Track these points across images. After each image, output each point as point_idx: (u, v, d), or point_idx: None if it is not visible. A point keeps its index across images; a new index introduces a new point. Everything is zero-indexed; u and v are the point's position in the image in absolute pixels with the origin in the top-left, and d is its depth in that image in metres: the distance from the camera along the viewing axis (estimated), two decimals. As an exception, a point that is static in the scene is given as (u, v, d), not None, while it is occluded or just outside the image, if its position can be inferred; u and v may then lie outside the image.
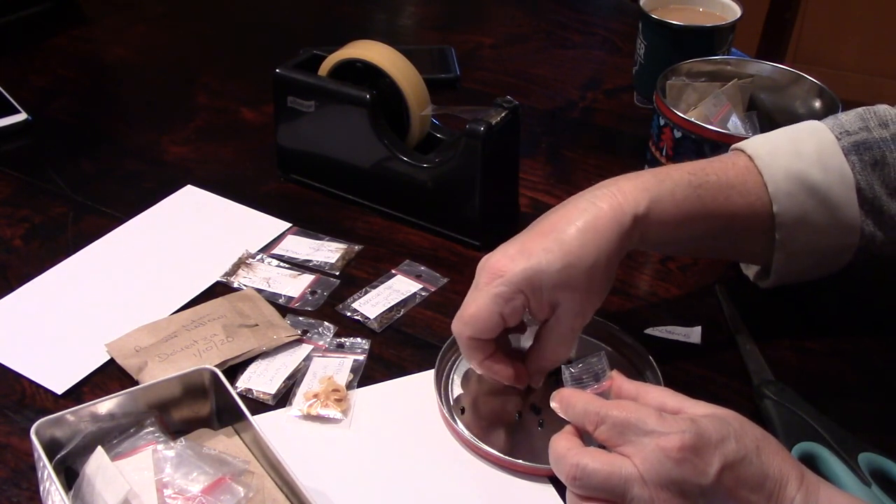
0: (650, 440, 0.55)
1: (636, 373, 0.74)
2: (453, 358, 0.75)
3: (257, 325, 0.77)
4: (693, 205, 0.70)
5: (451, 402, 0.71)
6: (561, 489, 0.64)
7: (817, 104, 0.93)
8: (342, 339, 0.77)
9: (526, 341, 0.72)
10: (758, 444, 0.56)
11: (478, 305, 0.65)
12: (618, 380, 0.63)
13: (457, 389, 0.72)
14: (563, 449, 0.58)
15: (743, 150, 0.75)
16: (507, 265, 0.65)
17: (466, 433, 0.68)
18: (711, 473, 0.54)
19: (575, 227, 0.65)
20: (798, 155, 0.73)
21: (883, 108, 0.76)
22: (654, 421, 0.56)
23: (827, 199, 0.72)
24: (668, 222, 0.69)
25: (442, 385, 0.73)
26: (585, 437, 0.60)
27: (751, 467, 0.55)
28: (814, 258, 0.75)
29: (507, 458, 0.66)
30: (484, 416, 0.70)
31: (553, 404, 0.62)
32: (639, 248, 0.71)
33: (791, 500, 0.55)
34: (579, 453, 0.57)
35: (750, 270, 0.82)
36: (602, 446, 0.58)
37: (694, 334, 0.79)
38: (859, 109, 0.77)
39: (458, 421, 0.70)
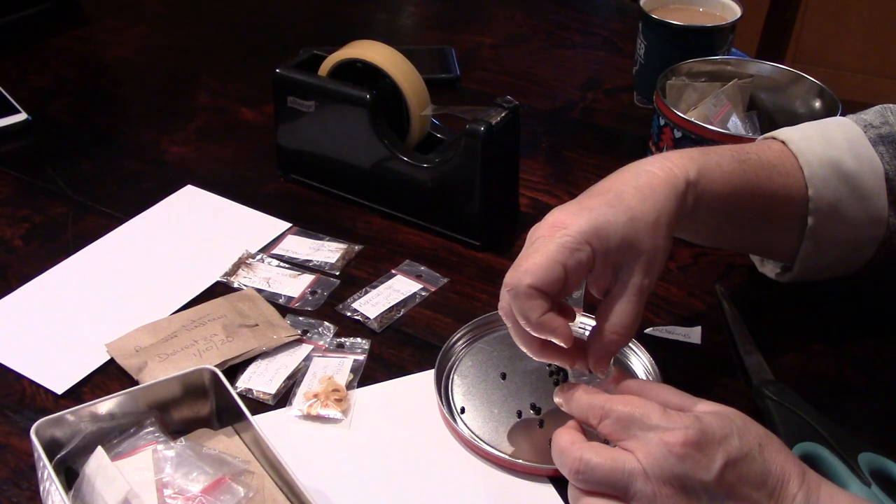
0: (654, 435, 0.55)
1: (636, 373, 0.74)
2: (453, 358, 0.75)
3: (257, 325, 0.77)
4: (739, 178, 0.68)
5: (451, 402, 0.71)
6: (561, 488, 0.64)
7: (817, 104, 0.93)
8: (342, 339, 0.77)
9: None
10: (760, 442, 0.56)
11: (541, 254, 0.59)
12: (621, 377, 0.62)
13: (457, 389, 0.72)
14: (566, 443, 0.58)
15: (774, 138, 0.74)
16: (569, 219, 0.60)
17: (466, 433, 0.68)
18: (714, 469, 0.54)
19: (633, 186, 0.63)
20: (830, 142, 0.73)
21: None
22: (658, 416, 0.56)
23: (859, 188, 0.72)
24: (717, 194, 0.67)
25: (442, 385, 0.72)
26: (588, 433, 0.60)
27: (753, 464, 0.55)
28: (840, 250, 0.75)
29: (507, 458, 0.66)
30: (484, 416, 0.70)
31: (556, 399, 0.62)
32: (686, 228, 0.68)
33: (792, 497, 0.55)
34: (582, 447, 0.57)
35: (767, 268, 0.82)
36: (605, 442, 0.59)
37: (694, 334, 0.79)
38: (877, 107, 0.77)
39: (458, 421, 0.70)
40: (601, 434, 0.59)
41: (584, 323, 0.77)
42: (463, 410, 0.71)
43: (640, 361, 0.75)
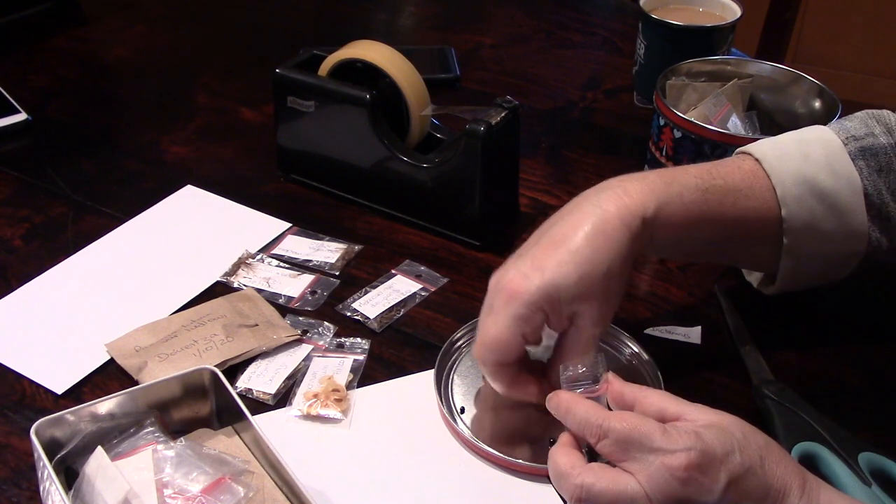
0: (655, 458, 0.54)
1: (636, 373, 0.74)
2: (453, 358, 0.75)
3: (257, 325, 0.77)
4: (701, 208, 0.68)
5: (451, 402, 0.71)
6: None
7: (817, 104, 0.93)
8: (342, 339, 0.77)
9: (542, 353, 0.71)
10: (761, 455, 0.55)
11: (499, 329, 0.63)
12: (615, 383, 0.62)
13: (457, 389, 0.72)
14: (566, 466, 0.57)
15: (749, 154, 0.73)
16: (521, 283, 0.63)
17: (466, 433, 0.68)
18: (717, 491, 0.54)
19: (584, 233, 0.64)
20: (806, 159, 0.72)
21: (886, 114, 0.75)
22: (658, 437, 0.55)
23: (835, 205, 0.71)
24: (677, 226, 0.68)
25: (442, 385, 0.72)
26: (583, 442, 0.59)
27: (755, 479, 0.54)
28: (820, 265, 0.74)
29: (507, 458, 0.66)
30: (484, 416, 0.70)
31: (550, 406, 0.62)
32: (647, 254, 0.70)
33: None
34: (583, 472, 0.56)
35: (753, 277, 0.81)
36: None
37: (694, 334, 0.79)
38: (861, 114, 0.76)
39: (458, 421, 0.70)
40: (600, 454, 0.58)
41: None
42: (463, 410, 0.71)
43: (639, 361, 0.74)
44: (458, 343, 0.76)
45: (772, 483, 0.55)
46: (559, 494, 0.61)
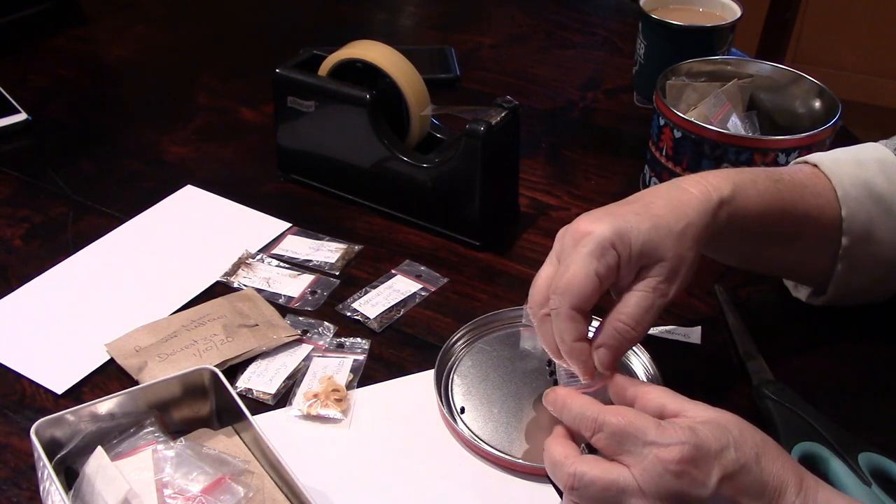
0: (649, 451, 0.55)
1: (636, 373, 0.74)
2: (453, 358, 0.75)
3: (257, 325, 0.77)
4: (773, 197, 0.69)
5: (451, 402, 0.71)
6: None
7: (817, 104, 0.93)
8: (342, 339, 0.77)
9: None
10: (757, 452, 0.55)
11: (573, 269, 0.61)
12: (617, 378, 0.62)
13: (457, 389, 0.72)
14: (560, 455, 0.57)
15: (805, 162, 0.75)
16: (592, 225, 0.62)
17: (466, 433, 0.68)
18: (711, 485, 0.54)
19: (663, 198, 0.65)
20: (860, 164, 0.73)
21: None
22: (653, 431, 0.55)
23: (892, 209, 0.73)
24: (751, 212, 0.68)
25: (442, 385, 0.73)
26: (578, 437, 0.59)
27: (750, 476, 0.55)
28: (874, 272, 0.75)
29: (507, 457, 0.66)
30: (484, 416, 0.70)
31: (546, 403, 0.62)
32: (719, 245, 0.69)
33: None
34: (577, 461, 0.56)
35: (801, 292, 0.82)
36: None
37: (694, 334, 0.79)
38: None
39: (458, 421, 0.70)
40: (595, 447, 0.58)
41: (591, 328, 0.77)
42: (463, 410, 0.71)
43: (640, 361, 0.75)
44: (458, 343, 0.76)
45: (768, 480, 0.55)
46: (553, 484, 0.62)
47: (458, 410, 0.71)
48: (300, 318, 0.79)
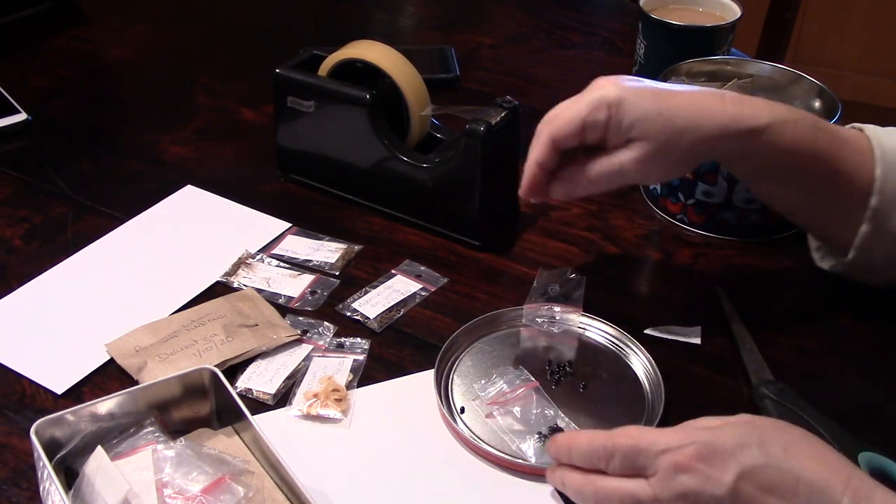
0: (663, 458, 0.55)
1: (636, 373, 0.74)
2: (453, 358, 0.75)
3: (257, 325, 0.77)
4: (808, 140, 0.71)
5: (451, 402, 0.71)
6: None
7: (817, 104, 0.93)
8: (342, 339, 0.77)
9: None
10: (786, 448, 0.55)
11: (566, 107, 0.70)
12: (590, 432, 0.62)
13: (457, 389, 0.72)
14: (581, 481, 0.59)
15: (853, 126, 0.76)
16: (609, 84, 0.69)
17: (466, 433, 0.68)
18: (726, 483, 0.54)
19: (693, 98, 0.68)
20: None
21: None
22: (663, 439, 0.56)
23: None
24: (781, 148, 0.70)
25: (442, 385, 0.72)
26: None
27: (776, 473, 0.54)
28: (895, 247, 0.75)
29: (507, 457, 0.66)
30: (484, 416, 0.70)
31: (552, 454, 0.62)
32: (743, 168, 0.72)
33: None
34: (595, 480, 0.58)
35: (825, 261, 0.81)
36: None
37: (694, 334, 0.79)
38: None
39: (458, 421, 0.70)
40: (613, 475, 0.58)
41: (584, 323, 0.77)
42: (463, 410, 0.71)
43: (640, 361, 0.75)
44: (458, 343, 0.76)
45: (801, 476, 0.54)
46: (560, 494, 0.62)
47: (458, 410, 0.71)
48: (300, 318, 0.79)
